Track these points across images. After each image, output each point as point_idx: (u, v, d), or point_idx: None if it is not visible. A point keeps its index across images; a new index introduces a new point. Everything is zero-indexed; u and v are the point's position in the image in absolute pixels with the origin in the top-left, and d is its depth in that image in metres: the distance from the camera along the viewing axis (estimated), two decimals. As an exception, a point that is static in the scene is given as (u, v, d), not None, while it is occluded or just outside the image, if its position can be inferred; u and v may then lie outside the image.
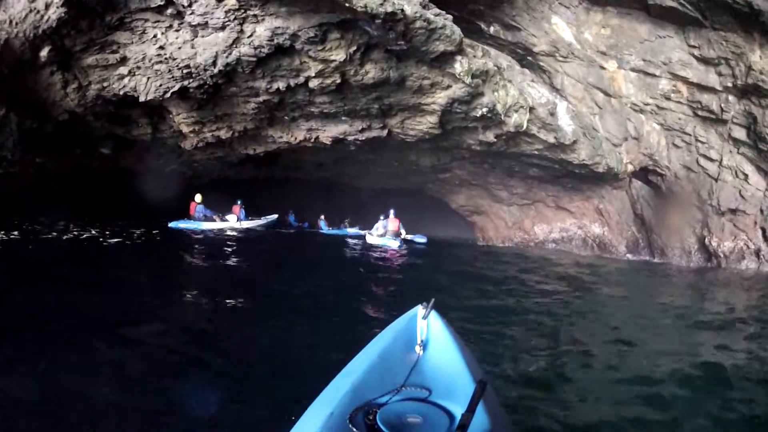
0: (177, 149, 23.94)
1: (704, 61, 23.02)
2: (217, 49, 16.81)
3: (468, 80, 18.78)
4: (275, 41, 16.41)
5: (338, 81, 18.20)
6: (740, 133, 23.92)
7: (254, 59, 17.13)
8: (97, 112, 19.64)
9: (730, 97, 23.44)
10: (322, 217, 43.67)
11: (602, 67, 25.11)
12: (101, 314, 8.99)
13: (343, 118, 21.42)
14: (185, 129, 21.54)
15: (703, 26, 22.07)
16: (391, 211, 29.38)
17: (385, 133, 22.42)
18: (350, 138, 22.46)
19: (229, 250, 20.92)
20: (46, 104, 18.34)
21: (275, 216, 37.08)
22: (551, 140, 23.68)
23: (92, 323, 8.46)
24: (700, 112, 24.52)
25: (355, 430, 3.29)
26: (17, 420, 5.43)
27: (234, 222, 30.79)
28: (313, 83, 18.37)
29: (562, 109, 23.93)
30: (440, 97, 19.80)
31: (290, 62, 17.67)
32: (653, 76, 24.59)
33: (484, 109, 20.48)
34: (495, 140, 23.28)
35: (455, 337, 4.51)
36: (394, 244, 26.40)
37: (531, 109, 22.20)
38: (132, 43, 16.95)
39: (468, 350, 4.53)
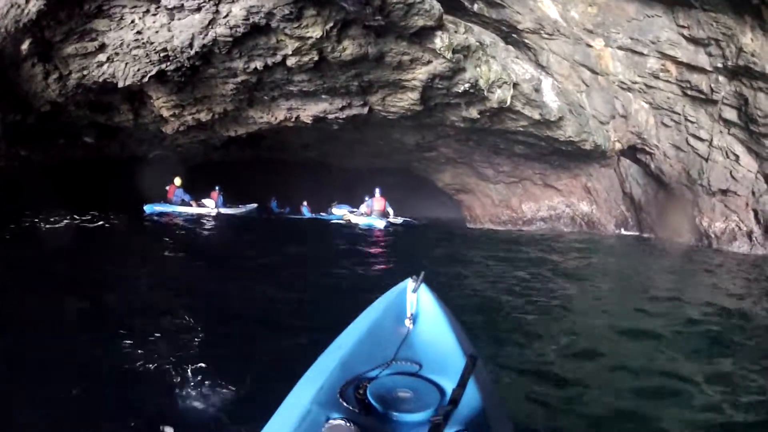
0: (159, 134, 23.62)
1: (694, 41, 22.22)
2: (193, 30, 16.39)
3: (449, 55, 18.43)
4: (251, 20, 15.89)
5: (316, 58, 17.77)
6: (731, 114, 22.86)
7: (230, 39, 16.70)
8: (78, 101, 19.49)
9: (721, 78, 22.42)
10: (305, 203, 43.14)
11: (589, 45, 24.60)
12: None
13: (323, 96, 20.91)
14: (166, 113, 21.10)
15: (693, 6, 21.31)
16: (377, 190, 28.86)
17: (365, 110, 21.86)
18: (331, 116, 22.04)
19: (208, 237, 20.88)
20: (28, 96, 18.17)
21: (255, 205, 36.55)
22: (536, 117, 23.34)
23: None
24: (689, 92, 23.77)
25: (345, 404, 3.26)
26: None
27: (212, 209, 30.15)
28: (291, 61, 17.88)
29: (547, 86, 23.51)
30: (421, 73, 19.35)
31: (267, 41, 17.20)
32: (641, 54, 23.95)
33: (466, 85, 20.09)
34: (479, 116, 22.94)
35: (445, 311, 4.40)
36: (380, 224, 25.89)
37: (515, 85, 21.78)
38: (110, 30, 16.61)
39: (458, 324, 4.41)
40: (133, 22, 16.31)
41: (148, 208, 26.59)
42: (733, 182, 23.88)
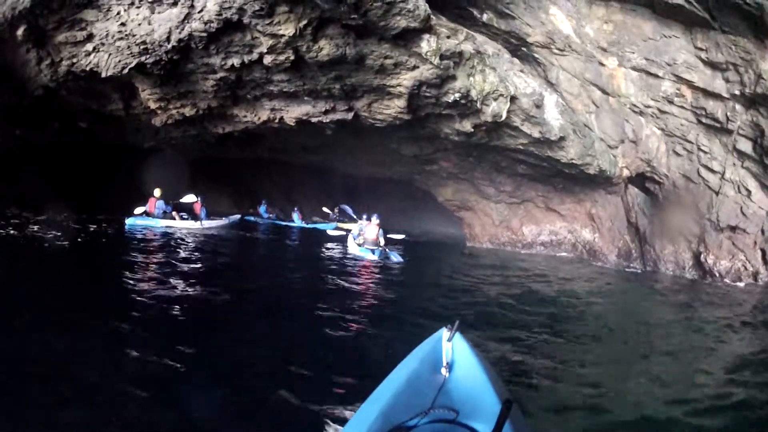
0: (152, 125, 22.97)
1: (711, 65, 21.14)
2: (170, 24, 16.29)
3: (436, 61, 16.97)
4: (223, 15, 15.51)
5: (292, 58, 16.87)
6: (746, 146, 21.82)
7: (205, 35, 16.29)
8: (69, 88, 20.03)
9: (737, 106, 21.36)
10: (296, 208, 40.44)
11: (601, 64, 23.08)
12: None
13: (305, 98, 19.76)
14: (152, 105, 20.79)
15: (712, 28, 20.18)
16: (374, 216, 25.18)
17: (350, 115, 20.43)
18: (314, 119, 20.71)
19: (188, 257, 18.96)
20: (23, 80, 19.27)
21: (238, 216, 34.64)
22: (535, 134, 21.57)
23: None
24: (704, 120, 22.39)
25: None
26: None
27: (194, 222, 28.19)
28: (267, 60, 17.16)
29: (550, 103, 21.56)
30: (406, 79, 17.90)
31: (242, 37, 16.64)
32: (656, 76, 22.64)
33: (457, 95, 18.60)
34: (473, 130, 21.24)
35: (480, 358, 4.47)
36: (371, 256, 22.87)
37: (513, 99, 19.96)
38: (98, 20, 16.99)
39: (493, 371, 4.49)
40: (118, 13, 16.58)
41: (129, 223, 24.91)
42: (743, 219, 22.46)
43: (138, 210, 25.84)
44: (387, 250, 23.08)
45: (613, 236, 27.78)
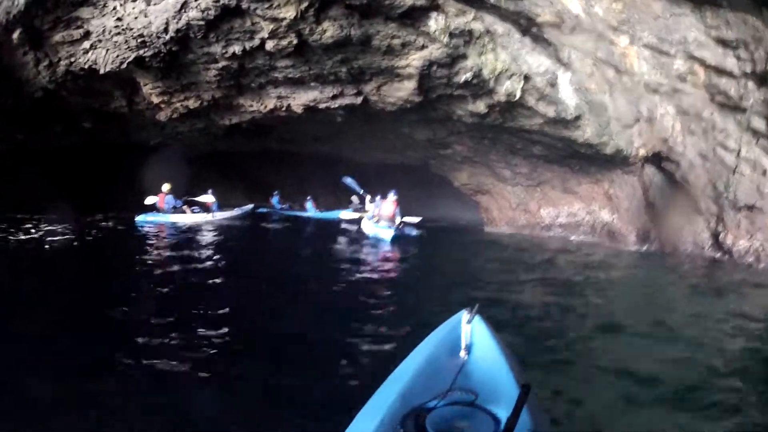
0: (158, 121, 22.74)
1: (722, 42, 19.94)
2: (167, 15, 16.11)
3: (445, 40, 16.46)
4: (221, 2, 15.40)
5: (295, 42, 16.53)
6: (760, 124, 20.40)
7: (203, 23, 16.13)
8: (69, 88, 20.02)
9: (750, 84, 20.05)
10: (309, 198, 39.73)
11: (613, 43, 22.03)
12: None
13: (312, 84, 19.40)
14: (155, 99, 20.64)
15: (721, 6, 19.13)
16: (391, 193, 24.67)
17: (359, 100, 20.07)
18: (322, 105, 20.33)
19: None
20: (21, 82, 19.25)
21: (250, 206, 34.31)
22: (551, 114, 20.94)
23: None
24: (717, 98, 21.04)
25: None
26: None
27: (206, 215, 28.22)
28: (270, 45, 16.85)
29: (564, 81, 20.98)
30: (415, 59, 17.51)
31: (242, 23, 16.35)
32: (668, 55, 21.41)
33: (468, 74, 18.09)
34: (487, 111, 20.66)
35: (499, 341, 4.49)
36: (387, 234, 22.31)
37: (526, 78, 19.40)
38: (93, 17, 16.95)
39: (512, 354, 4.51)
40: (114, 9, 16.46)
41: (139, 220, 24.82)
42: (759, 198, 21.39)
43: (149, 200, 25.72)
44: (404, 225, 22.91)
45: (632, 217, 27.12)
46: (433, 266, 18.57)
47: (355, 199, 36.51)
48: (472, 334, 4.44)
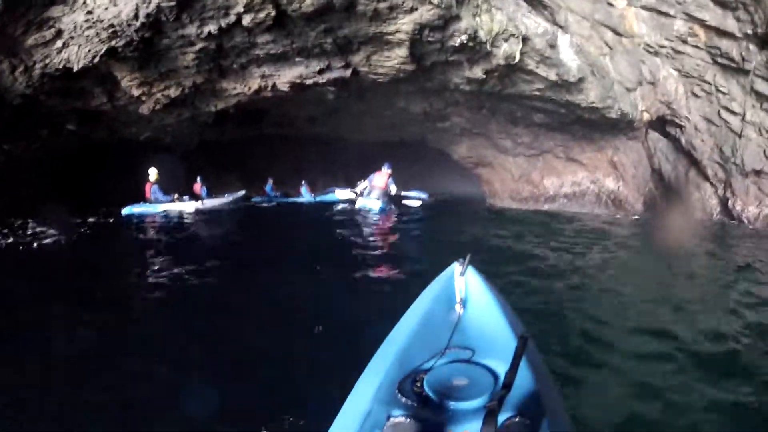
0: (144, 115, 21.65)
1: (721, 3, 19.97)
2: (136, 1, 14.82)
3: (436, 0, 14.93)
4: None
5: (273, 13, 15.10)
6: (763, 87, 20.51)
7: (174, 3, 14.76)
8: (46, 91, 18.58)
9: (751, 46, 20.15)
10: (303, 182, 37.50)
11: (610, 4, 21.79)
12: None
13: (297, 59, 18.01)
14: (135, 92, 19.30)
15: None
16: (385, 165, 22.79)
17: (348, 72, 18.71)
18: (309, 81, 18.92)
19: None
20: (0, 92, 17.92)
21: (242, 192, 32.94)
22: (552, 77, 19.69)
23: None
24: (719, 60, 21.14)
25: (404, 399, 3.20)
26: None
27: (194, 202, 26.56)
28: (246, 20, 15.38)
29: (564, 42, 19.70)
30: (404, 23, 15.97)
31: (214, 0, 14.93)
32: (667, 15, 21.34)
33: (464, 37, 16.61)
34: (485, 77, 19.27)
35: (494, 293, 4.29)
36: (375, 204, 21.15)
37: (525, 40, 18.01)
38: (64, 14, 15.71)
39: (508, 305, 4.29)
40: (84, 2, 15.26)
41: (126, 211, 23.56)
42: (766, 162, 21.10)
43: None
44: (404, 193, 22.17)
45: (638, 184, 26.27)
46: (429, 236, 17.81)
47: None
48: (466, 287, 4.27)
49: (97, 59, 16.57)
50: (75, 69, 16.84)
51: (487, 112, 24.85)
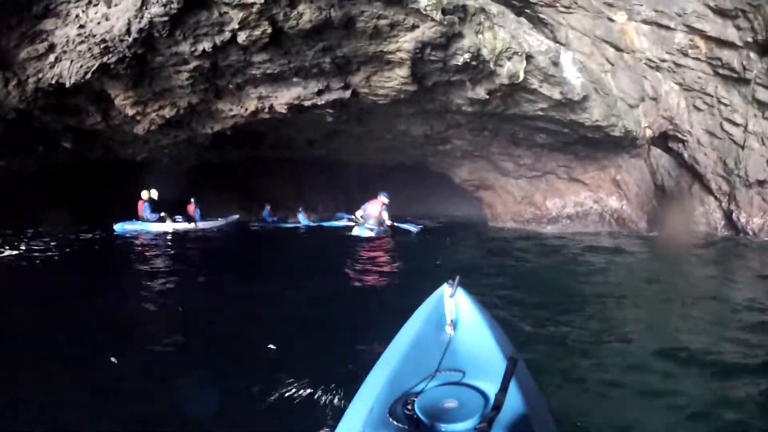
0: (140, 136, 21.21)
1: (721, 13, 19.98)
2: (128, 15, 14.28)
3: (438, 16, 14.13)
4: None
5: (269, 31, 14.34)
6: (765, 95, 20.53)
7: (167, 18, 14.11)
8: (40, 106, 18.40)
9: (752, 54, 20.24)
10: (300, 209, 36.62)
11: (611, 19, 21.50)
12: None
13: (294, 79, 17.15)
14: (129, 111, 18.69)
15: None
16: (381, 194, 22.95)
17: (347, 94, 17.77)
18: (307, 103, 18.06)
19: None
20: None
21: (236, 216, 32.57)
22: (557, 96, 18.89)
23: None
24: (720, 71, 21.07)
25: (395, 423, 3.23)
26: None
27: (187, 224, 26.76)
28: (242, 37, 14.65)
29: (567, 60, 19.01)
30: (406, 42, 15.09)
31: (208, 16, 14.23)
32: (668, 28, 21.15)
33: (467, 55, 15.66)
34: (488, 97, 18.19)
35: (484, 314, 4.31)
36: (367, 234, 21.12)
37: (528, 58, 17.26)
38: (57, 27, 15.51)
39: (498, 326, 4.32)
40: (77, 16, 15.02)
41: (118, 228, 23.79)
42: None
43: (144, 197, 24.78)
44: (397, 224, 21.58)
45: (641, 202, 25.80)
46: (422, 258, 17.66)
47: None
48: (456, 308, 4.28)
49: (89, 75, 16.12)
50: (67, 85, 16.46)
51: (488, 134, 24.23)
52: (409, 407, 3.27)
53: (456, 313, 4.25)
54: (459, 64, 16.09)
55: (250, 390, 5.86)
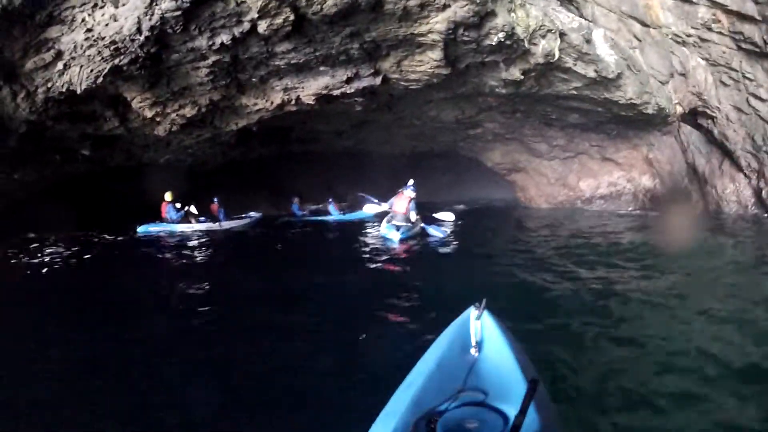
0: (162, 138, 20.51)
1: None
2: (137, 13, 13.24)
3: None
4: None
5: (292, 18, 13.23)
6: None
7: (179, 13, 13.13)
8: (52, 116, 17.17)
9: None
10: (330, 200, 34.93)
11: None
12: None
13: (321, 68, 16.11)
14: (148, 113, 17.82)
15: None
16: (407, 187, 20.65)
17: (378, 80, 16.83)
18: (336, 92, 17.03)
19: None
20: (2, 120, 16.59)
21: (259, 214, 30.92)
22: (591, 74, 18.23)
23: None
24: (743, 45, 20.71)
25: None
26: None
27: (212, 224, 26.00)
28: (262, 27, 13.56)
29: (599, 37, 18.22)
30: (437, 22, 14.10)
31: (224, 6, 13.15)
32: (691, 2, 20.80)
33: (501, 35, 14.83)
34: (522, 77, 17.57)
35: (508, 337, 4.41)
36: (394, 236, 18.86)
37: (561, 35, 16.41)
38: (63, 34, 14.25)
39: (521, 349, 4.41)
40: (83, 20, 13.77)
41: (141, 230, 23.32)
42: None
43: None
44: (424, 225, 20.00)
45: (674, 180, 25.25)
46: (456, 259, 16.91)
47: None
48: (481, 330, 4.39)
49: (100, 80, 15.20)
50: (78, 91, 15.46)
51: (521, 116, 23.70)
52: (432, 426, 3.39)
53: (481, 335, 4.38)
54: (493, 44, 15.31)
55: (276, 404, 6.04)
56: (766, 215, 21.80)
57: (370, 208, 24.50)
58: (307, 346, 8.00)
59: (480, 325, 4.40)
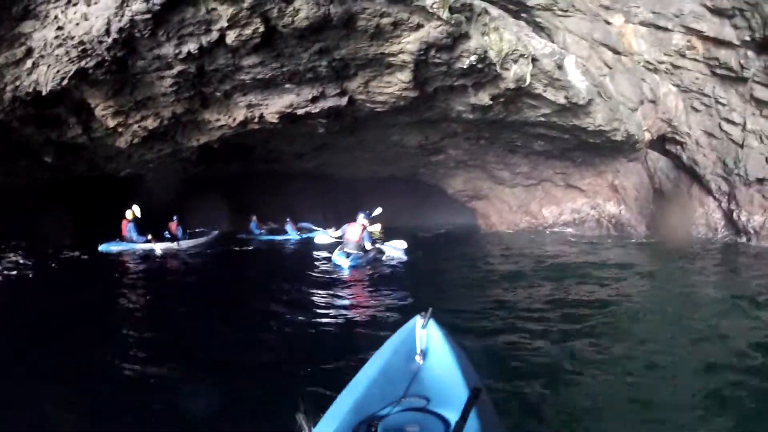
0: (124, 150, 19.57)
1: (718, 12, 19.58)
2: (108, 13, 12.45)
3: (445, 15, 12.72)
4: None
5: (261, 29, 12.62)
6: (763, 93, 20.03)
7: (149, 16, 12.34)
8: (19, 117, 16.36)
9: (749, 53, 19.75)
10: (288, 220, 34.14)
11: (608, 22, 21.25)
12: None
13: (287, 85, 15.51)
14: (110, 122, 16.93)
15: None
16: (360, 215, 20.00)
17: (344, 101, 16.21)
18: (300, 111, 16.47)
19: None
20: None
21: (217, 232, 30.79)
22: (561, 101, 17.93)
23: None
24: (718, 71, 20.65)
25: None
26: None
27: (171, 244, 25.22)
28: (231, 37, 12.91)
29: (570, 63, 17.93)
30: (409, 42, 13.57)
31: (195, 13, 12.42)
32: (665, 30, 20.81)
33: (473, 57, 14.40)
34: (491, 103, 17.21)
35: (452, 345, 4.44)
36: (343, 263, 18.24)
37: (534, 60, 16.11)
38: (35, 30, 13.47)
39: (465, 357, 4.47)
40: (56, 17, 13.06)
41: (103, 248, 22.61)
42: None
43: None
44: (380, 246, 19.81)
45: (641, 206, 25.49)
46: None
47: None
48: (427, 339, 4.43)
49: (65, 82, 14.39)
50: (44, 92, 14.68)
51: (485, 143, 23.47)
52: (373, 429, 3.40)
53: (427, 343, 4.40)
54: (464, 66, 14.92)
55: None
56: (740, 240, 22.05)
57: (321, 238, 23.58)
58: (237, 365, 7.90)
59: (426, 334, 4.45)
